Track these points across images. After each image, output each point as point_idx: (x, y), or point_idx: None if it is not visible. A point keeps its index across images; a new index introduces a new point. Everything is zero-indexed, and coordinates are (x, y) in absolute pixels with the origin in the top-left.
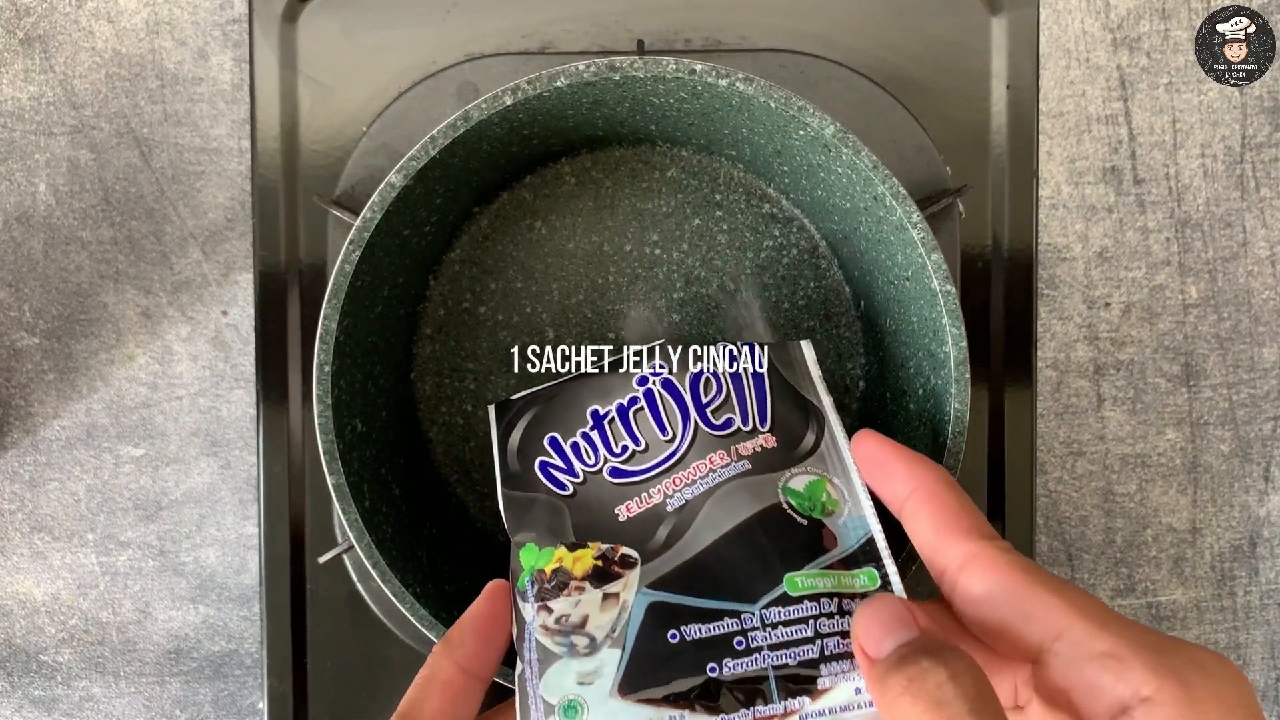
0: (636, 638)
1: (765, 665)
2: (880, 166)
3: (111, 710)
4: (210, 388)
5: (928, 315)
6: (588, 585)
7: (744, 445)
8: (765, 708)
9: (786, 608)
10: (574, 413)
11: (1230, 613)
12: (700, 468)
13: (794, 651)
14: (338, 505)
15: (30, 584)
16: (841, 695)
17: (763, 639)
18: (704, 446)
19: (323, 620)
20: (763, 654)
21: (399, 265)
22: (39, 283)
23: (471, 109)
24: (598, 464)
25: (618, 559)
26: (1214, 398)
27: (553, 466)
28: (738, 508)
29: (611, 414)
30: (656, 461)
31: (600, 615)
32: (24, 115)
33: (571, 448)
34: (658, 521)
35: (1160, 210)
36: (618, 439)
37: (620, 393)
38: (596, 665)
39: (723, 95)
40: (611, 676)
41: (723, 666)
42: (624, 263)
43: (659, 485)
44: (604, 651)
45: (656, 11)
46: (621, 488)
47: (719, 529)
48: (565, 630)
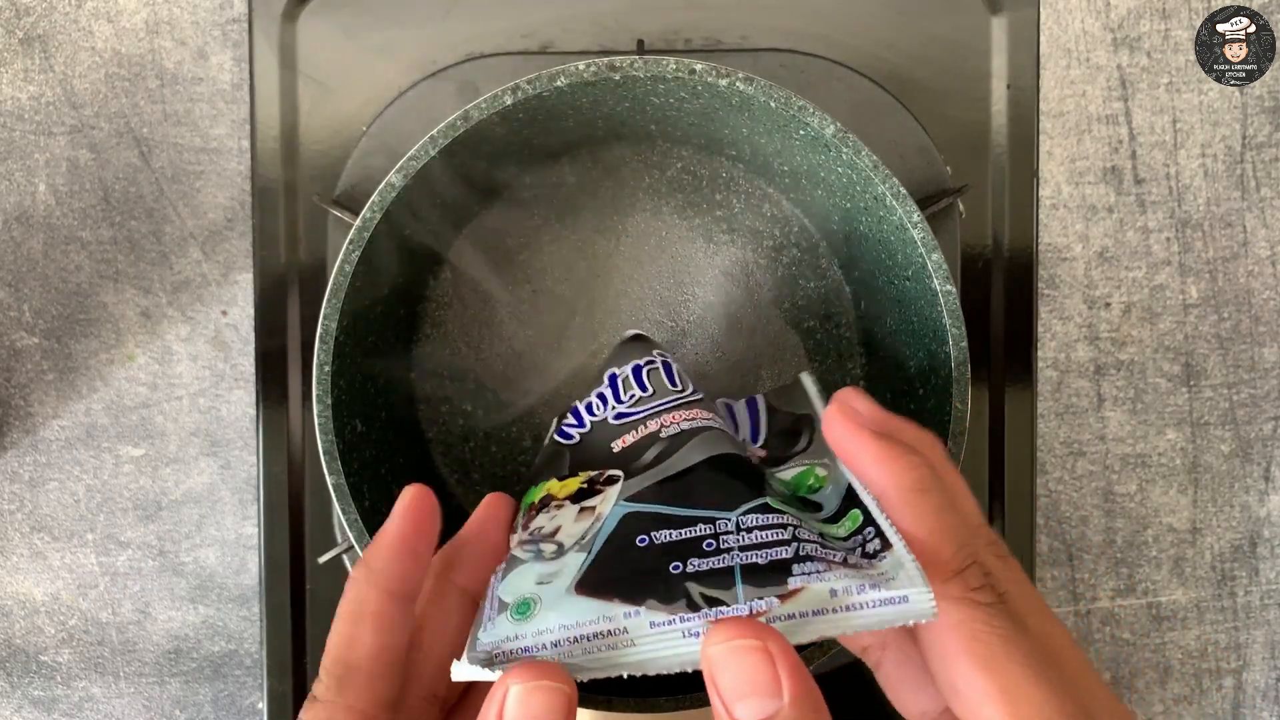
0: (605, 543)
1: (733, 563)
2: (880, 166)
3: (111, 710)
4: (210, 388)
5: (928, 315)
6: (567, 503)
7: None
8: (728, 609)
9: (765, 515)
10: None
11: (1230, 613)
12: (703, 413)
13: (765, 552)
14: (338, 505)
15: (30, 584)
16: (814, 597)
17: (734, 541)
18: (709, 406)
19: (323, 620)
20: (732, 554)
21: (399, 265)
22: (39, 283)
23: (471, 109)
24: (604, 414)
25: (603, 479)
26: (1214, 398)
27: (568, 424)
28: (731, 446)
29: (626, 373)
30: (661, 401)
31: (573, 525)
32: (24, 115)
33: (586, 407)
34: (649, 445)
35: (1160, 210)
36: (627, 389)
37: (638, 356)
38: (559, 568)
39: (723, 95)
40: (571, 576)
41: (687, 565)
42: (623, 262)
43: (658, 419)
44: (569, 556)
45: (656, 11)
46: (622, 426)
47: (707, 453)
48: (536, 540)
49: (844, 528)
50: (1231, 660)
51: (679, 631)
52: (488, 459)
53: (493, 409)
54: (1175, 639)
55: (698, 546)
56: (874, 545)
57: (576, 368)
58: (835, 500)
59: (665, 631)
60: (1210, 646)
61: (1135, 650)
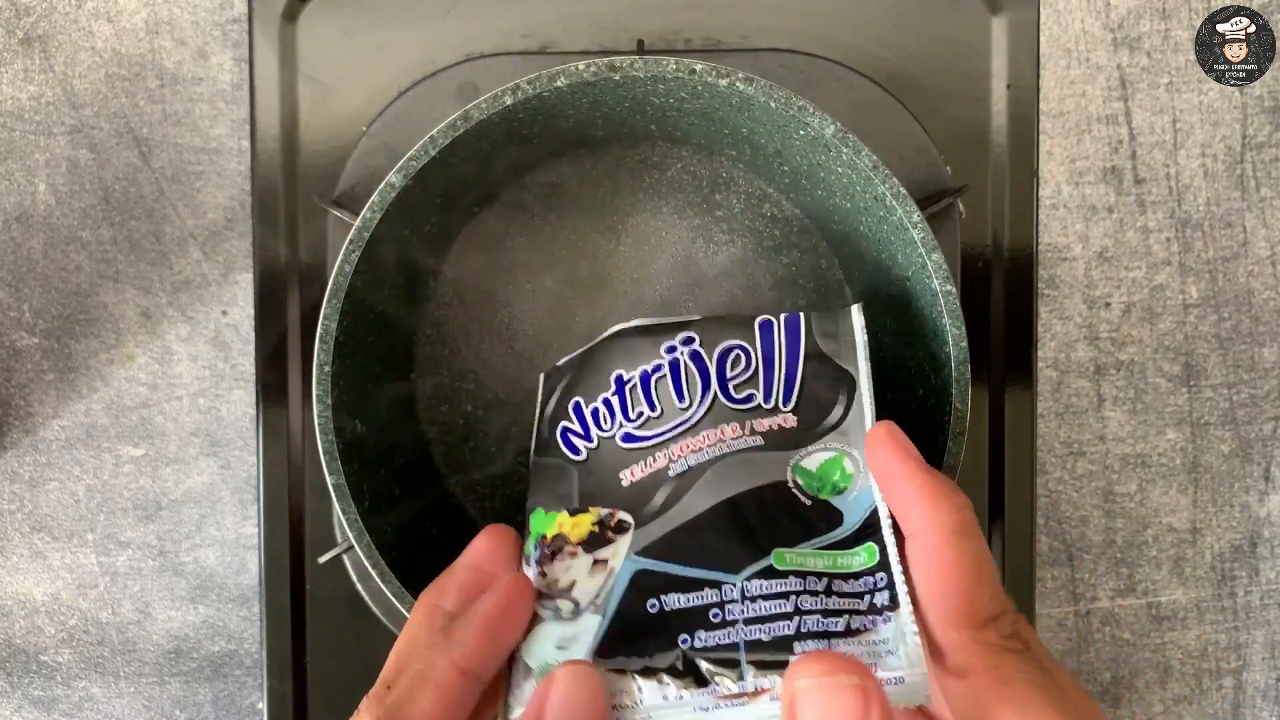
0: (618, 606)
1: (737, 639)
2: (880, 166)
3: (111, 710)
4: (210, 388)
5: (928, 315)
6: (580, 550)
7: (760, 421)
8: (735, 685)
9: (769, 581)
10: (600, 378)
11: (1230, 613)
12: (710, 436)
13: (769, 627)
14: (338, 505)
15: (30, 584)
16: None
17: (739, 612)
18: (718, 417)
19: (323, 620)
20: (737, 627)
21: (399, 265)
22: (39, 283)
23: (471, 109)
24: (613, 430)
25: (614, 524)
26: (1214, 398)
27: (572, 432)
28: (739, 480)
29: (635, 380)
30: (668, 427)
31: (588, 580)
32: (24, 115)
33: (592, 413)
34: (658, 485)
35: (1160, 210)
36: (635, 405)
37: (647, 358)
38: (577, 631)
39: (723, 95)
40: (588, 643)
41: (695, 638)
42: (623, 262)
43: (666, 450)
44: (585, 617)
45: (656, 11)
46: (630, 452)
47: (715, 497)
48: (553, 595)
49: (858, 560)
50: (1231, 660)
51: (690, 706)
52: (488, 459)
53: (493, 409)
54: (1175, 639)
55: (704, 618)
56: (882, 599)
57: None
58: (857, 516)
59: (678, 706)
60: (1210, 646)
61: (1135, 650)
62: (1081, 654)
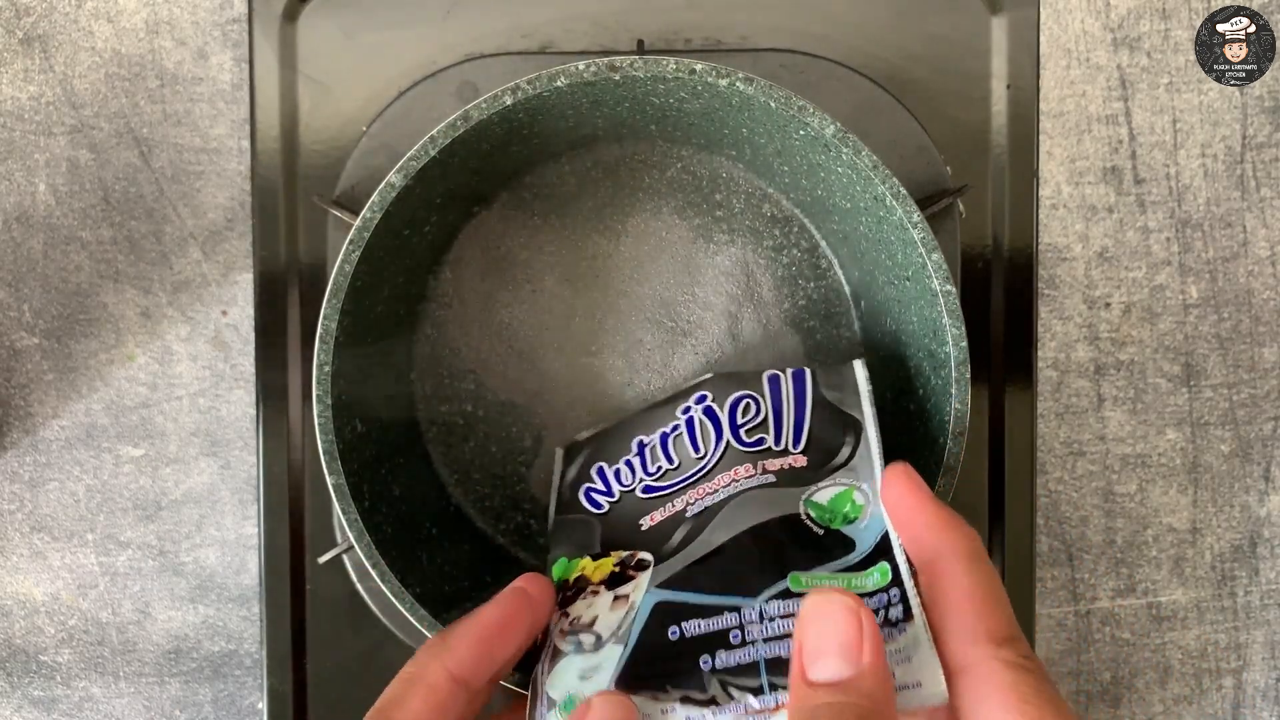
0: (639, 635)
1: (757, 657)
2: (880, 166)
3: (111, 710)
4: (210, 388)
5: (928, 315)
6: (602, 589)
7: (771, 462)
8: (756, 700)
9: (787, 601)
10: (621, 445)
11: (1230, 613)
12: (724, 478)
13: (788, 643)
14: (338, 505)
15: (30, 584)
16: None
17: (758, 632)
18: (732, 459)
19: (323, 620)
20: (756, 646)
21: (399, 265)
22: (39, 283)
23: (471, 109)
24: (633, 484)
25: (634, 563)
26: (1214, 398)
27: (595, 490)
28: (754, 514)
29: (654, 442)
30: (685, 476)
31: (609, 615)
32: (24, 115)
33: (614, 474)
34: (676, 526)
35: (1160, 210)
36: (654, 460)
37: (664, 422)
38: (599, 661)
39: (723, 95)
40: (611, 672)
41: (715, 659)
42: (623, 262)
43: (683, 495)
44: (608, 648)
45: (656, 11)
46: (650, 500)
47: (731, 531)
48: (576, 630)
49: (871, 580)
50: (1231, 660)
51: None
52: (488, 459)
53: (493, 409)
54: (1175, 639)
55: (724, 639)
56: (896, 612)
57: (577, 368)
58: (869, 540)
59: None
60: (1210, 646)
61: (1135, 650)
62: (1081, 654)
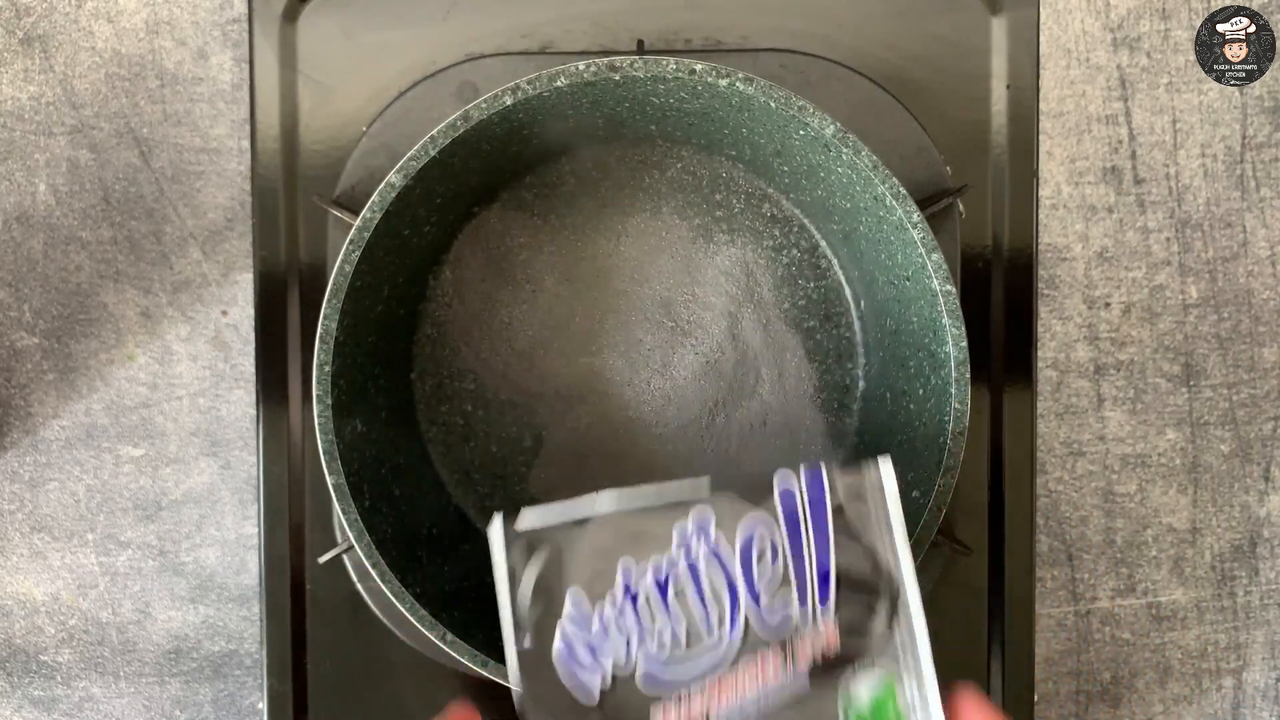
0: None
1: None
2: (880, 166)
3: (111, 710)
4: (210, 388)
5: (928, 315)
6: None
7: (802, 647)
8: None
9: None
10: (600, 564)
11: (1230, 613)
12: (749, 675)
13: None
14: (338, 505)
15: (30, 584)
16: None
17: None
18: (755, 644)
19: (323, 620)
20: None
21: (399, 265)
22: (39, 283)
23: (471, 109)
24: (629, 666)
25: None
26: (1214, 398)
27: (576, 640)
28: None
29: (648, 590)
30: (700, 668)
31: None
32: (24, 115)
33: (599, 622)
34: None
35: (1160, 210)
36: (654, 622)
37: (656, 546)
38: None
39: (723, 95)
40: None
41: None
42: (623, 262)
43: (703, 694)
44: None
45: (656, 11)
46: (654, 693)
47: None
48: None
49: None
50: (1231, 660)
51: None
52: (488, 459)
53: (493, 409)
54: (1175, 639)
55: None
56: None
57: (577, 368)
58: None
59: None
60: (1210, 646)
61: (1135, 650)
62: (1081, 654)
